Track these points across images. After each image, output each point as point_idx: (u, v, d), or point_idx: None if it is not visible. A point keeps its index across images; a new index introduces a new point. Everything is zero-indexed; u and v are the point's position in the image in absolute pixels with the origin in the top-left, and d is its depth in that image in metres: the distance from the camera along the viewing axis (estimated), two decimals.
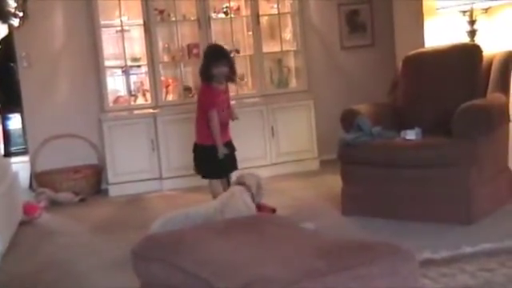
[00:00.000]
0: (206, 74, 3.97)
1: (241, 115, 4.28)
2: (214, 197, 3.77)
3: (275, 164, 5.45)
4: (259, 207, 3.49)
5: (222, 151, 3.93)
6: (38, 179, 5.34)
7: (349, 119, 3.89)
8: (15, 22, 4.24)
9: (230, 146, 4.09)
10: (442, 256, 2.84)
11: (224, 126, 4.04)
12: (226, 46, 4.76)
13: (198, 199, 4.20)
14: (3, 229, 3.58)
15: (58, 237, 4.11)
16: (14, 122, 7.51)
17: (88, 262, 3.43)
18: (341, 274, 1.74)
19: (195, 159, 4.09)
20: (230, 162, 4.05)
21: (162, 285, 2.10)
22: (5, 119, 7.21)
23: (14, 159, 5.91)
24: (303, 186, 4.96)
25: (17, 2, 4.15)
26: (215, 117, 3.92)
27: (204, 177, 4.07)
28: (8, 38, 5.86)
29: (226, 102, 4.08)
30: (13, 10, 4.06)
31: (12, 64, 5.84)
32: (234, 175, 4.05)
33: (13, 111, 7.05)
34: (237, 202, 3.22)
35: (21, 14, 4.36)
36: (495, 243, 2.94)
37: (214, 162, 3.96)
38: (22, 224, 4.29)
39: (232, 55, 4.56)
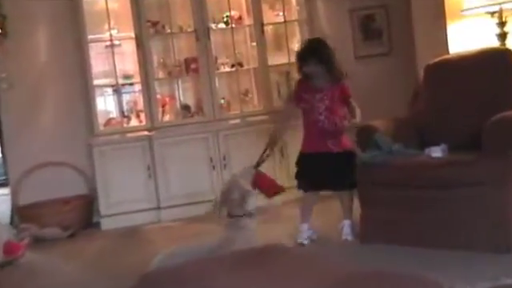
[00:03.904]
0: (301, 73, 4.10)
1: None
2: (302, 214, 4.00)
3: (287, 188, 5.41)
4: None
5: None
6: (21, 214, 5.35)
7: (365, 137, 3.87)
8: None
9: (316, 158, 4.04)
10: None
11: (319, 132, 4.02)
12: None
13: (201, 230, 4.18)
14: None
15: (44, 278, 4.09)
16: None
17: None
18: None
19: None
20: (311, 177, 4.04)
21: None
22: None
23: None
24: (319, 209, 4.90)
25: None
26: (287, 109, 4.26)
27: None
28: None
29: (321, 102, 4.02)
30: None
31: None
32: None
33: None
34: (245, 233, 3.19)
35: None
36: None
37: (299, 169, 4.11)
38: (2, 266, 4.27)
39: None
